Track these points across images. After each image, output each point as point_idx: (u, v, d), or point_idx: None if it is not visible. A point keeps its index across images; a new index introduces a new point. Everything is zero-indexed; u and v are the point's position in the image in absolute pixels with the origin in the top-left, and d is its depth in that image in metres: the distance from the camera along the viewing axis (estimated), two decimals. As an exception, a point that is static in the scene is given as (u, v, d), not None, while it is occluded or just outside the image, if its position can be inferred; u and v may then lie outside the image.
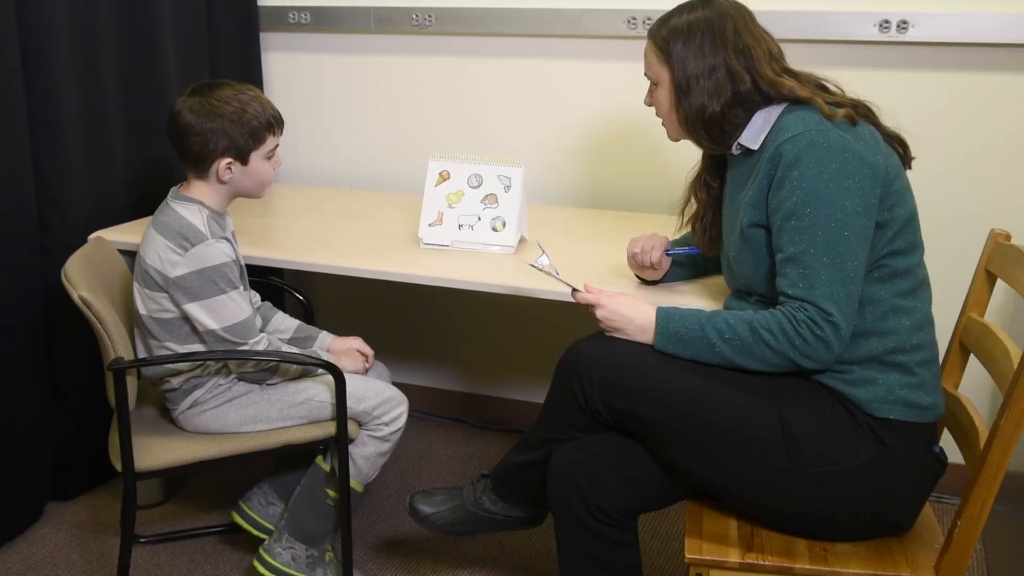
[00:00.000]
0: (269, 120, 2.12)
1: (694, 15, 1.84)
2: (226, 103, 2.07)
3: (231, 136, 2.06)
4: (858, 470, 1.70)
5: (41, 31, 2.42)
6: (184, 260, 2.03)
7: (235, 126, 2.06)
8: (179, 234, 2.04)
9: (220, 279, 2.05)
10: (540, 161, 3.03)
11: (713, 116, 1.82)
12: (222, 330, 2.07)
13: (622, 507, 1.81)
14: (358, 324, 3.38)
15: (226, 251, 2.07)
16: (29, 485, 2.60)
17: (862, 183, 1.68)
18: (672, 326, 1.79)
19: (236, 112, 2.07)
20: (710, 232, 2.03)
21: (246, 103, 2.08)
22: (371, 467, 2.27)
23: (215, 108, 2.06)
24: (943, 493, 2.69)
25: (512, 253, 2.42)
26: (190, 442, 2.14)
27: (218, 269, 2.05)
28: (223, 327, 2.07)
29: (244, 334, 2.10)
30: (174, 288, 2.05)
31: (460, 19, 2.99)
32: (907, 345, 1.73)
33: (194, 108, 2.06)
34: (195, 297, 2.05)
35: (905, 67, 2.62)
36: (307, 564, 2.24)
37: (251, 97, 2.11)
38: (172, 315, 2.09)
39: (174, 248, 2.04)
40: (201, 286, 2.04)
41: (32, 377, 2.55)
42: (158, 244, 2.06)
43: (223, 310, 2.07)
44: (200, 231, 2.05)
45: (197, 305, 2.05)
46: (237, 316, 2.08)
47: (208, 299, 2.05)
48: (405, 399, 2.29)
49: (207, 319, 2.06)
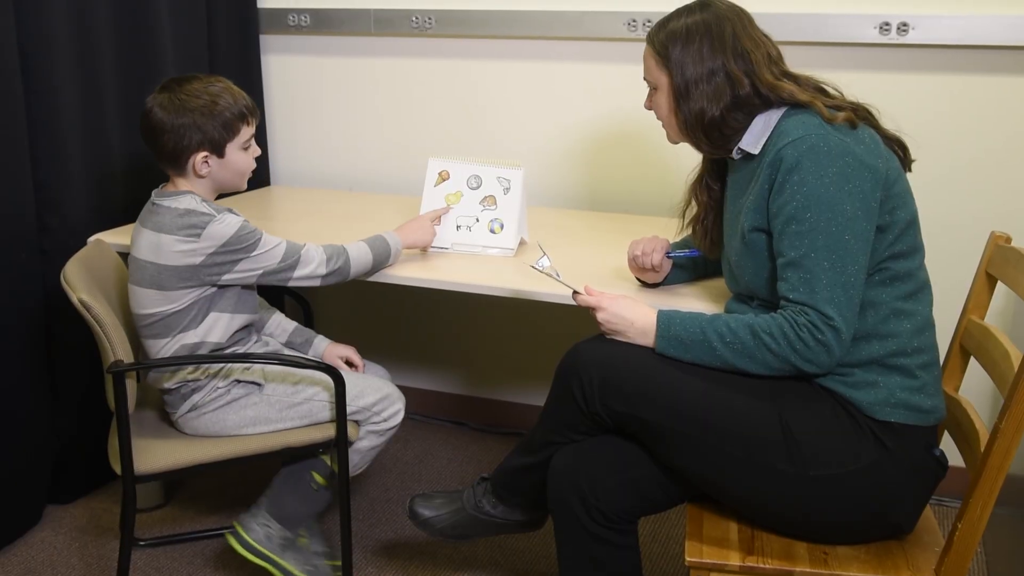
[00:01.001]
0: (241, 110, 2.11)
1: (692, 19, 1.83)
2: (196, 96, 2.06)
3: (204, 130, 2.05)
4: (859, 473, 1.70)
5: (40, 32, 2.42)
6: (201, 244, 2.03)
7: (207, 119, 2.05)
8: (184, 225, 2.03)
9: (246, 240, 2.06)
10: (540, 163, 3.03)
11: (712, 120, 1.82)
12: (277, 267, 2.10)
13: (622, 510, 1.81)
14: (357, 326, 3.39)
15: (235, 218, 2.06)
16: (28, 488, 2.60)
17: (863, 187, 1.68)
18: (673, 329, 1.79)
19: (207, 105, 2.06)
20: (711, 234, 2.03)
21: (216, 95, 2.07)
22: (363, 460, 2.28)
23: (185, 103, 2.05)
24: (944, 496, 2.68)
25: (512, 255, 2.42)
26: (190, 445, 2.14)
27: (238, 236, 2.05)
28: (276, 264, 2.10)
29: (293, 252, 2.12)
30: (206, 273, 2.05)
31: (460, 21, 2.99)
32: (908, 348, 1.73)
33: (164, 104, 2.05)
34: (232, 264, 2.06)
35: (906, 70, 2.62)
36: (280, 545, 2.22)
37: (221, 88, 2.10)
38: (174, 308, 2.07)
39: (185, 239, 2.03)
40: (232, 256, 2.05)
41: (31, 380, 2.54)
42: (169, 243, 2.04)
43: (264, 257, 2.08)
44: (203, 212, 2.04)
45: (234, 274, 2.07)
46: (280, 247, 2.10)
47: (249, 255, 2.06)
48: (402, 396, 2.29)
49: (253, 273, 2.09)
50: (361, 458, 2.27)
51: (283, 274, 2.12)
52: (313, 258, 2.15)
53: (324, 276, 2.16)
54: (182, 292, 2.07)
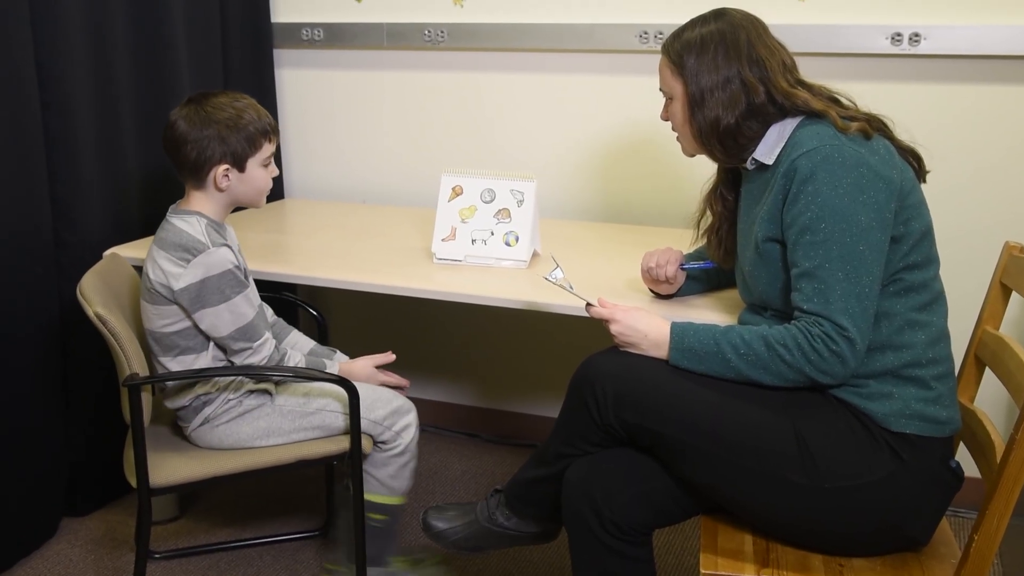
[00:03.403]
0: (265, 127, 2.13)
1: (707, 28, 1.84)
2: (221, 110, 2.08)
3: (227, 142, 2.07)
4: (874, 485, 1.69)
5: (57, 48, 2.44)
6: (187, 271, 2.04)
7: (231, 132, 2.07)
8: (179, 246, 2.05)
9: (225, 285, 2.06)
10: (553, 175, 3.03)
11: (727, 128, 1.82)
12: (228, 336, 2.09)
13: (636, 522, 1.80)
14: (371, 339, 3.39)
15: (228, 257, 2.07)
16: (44, 500, 2.61)
17: (877, 197, 1.67)
18: (687, 341, 1.78)
19: (231, 118, 2.08)
20: (725, 244, 2.02)
21: (241, 110, 2.09)
22: (401, 480, 2.28)
23: (210, 115, 2.07)
24: (959, 507, 2.66)
25: (525, 268, 2.43)
26: (205, 458, 2.14)
27: (223, 276, 2.06)
28: (229, 332, 2.09)
29: (250, 336, 2.11)
30: (181, 298, 2.06)
31: (472, 34, 3.00)
32: (923, 359, 1.73)
33: (189, 117, 2.07)
34: (202, 305, 2.06)
35: (917, 80, 2.62)
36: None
37: (246, 104, 2.12)
38: (183, 326, 2.09)
39: (176, 261, 2.05)
40: (207, 294, 2.05)
41: (47, 393, 2.55)
42: (160, 258, 2.07)
43: (228, 316, 2.08)
44: (200, 241, 2.06)
45: (204, 313, 2.07)
46: (242, 320, 2.09)
47: (214, 306, 2.06)
48: (412, 406, 2.29)
49: (215, 326, 2.08)
50: (400, 480, 2.28)
51: (235, 347, 2.12)
52: (260, 352, 2.14)
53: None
54: (168, 310, 2.08)
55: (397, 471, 2.27)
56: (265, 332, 2.16)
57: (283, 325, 2.44)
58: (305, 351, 2.39)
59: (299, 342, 2.43)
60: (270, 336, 2.17)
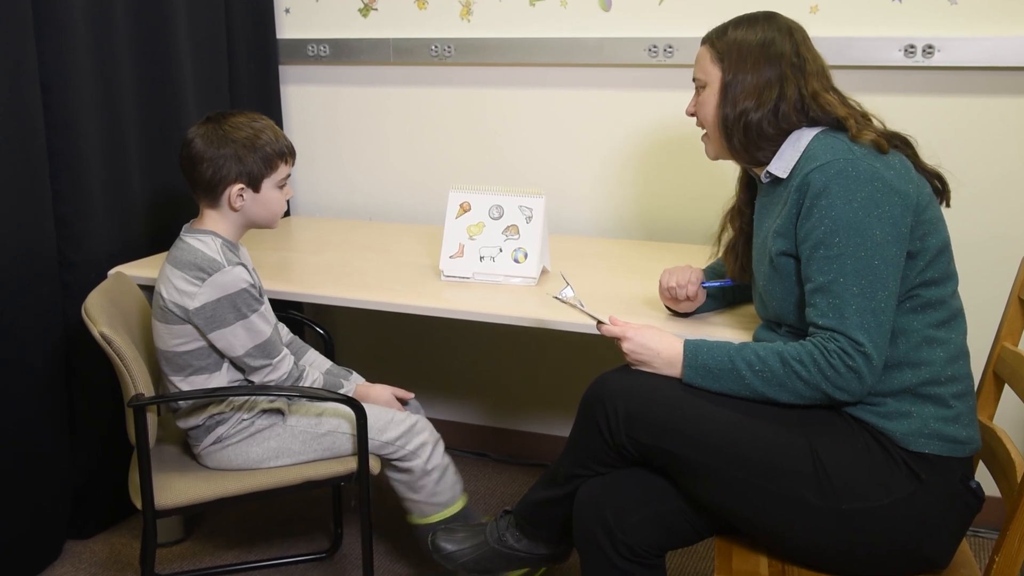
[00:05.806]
0: (282, 149, 2.12)
1: (755, 25, 1.85)
2: (239, 129, 2.07)
3: (244, 162, 2.06)
4: (892, 506, 1.66)
5: (62, 67, 2.43)
6: (202, 290, 2.03)
7: (248, 152, 2.06)
8: (194, 265, 2.04)
9: (241, 304, 2.05)
10: (561, 191, 3.01)
11: (750, 123, 1.81)
12: (245, 354, 2.08)
13: (649, 543, 1.78)
14: (379, 357, 3.37)
15: (243, 276, 2.06)
16: (48, 523, 2.58)
17: (892, 211, 1.65)
18: (700, 359, 1.76)
19: (249, 138, 2.07)
20: (741, 260, 2.01)
21: (259, 130, 2.09)
22: (443, 493, 2.27)
23: (228, 134, 2.06)
24: (980, 528, 2.63)
25: (534, 285, 2.40)
26: (210, 479, 2.12)
27: (239, 295, 2.05)
28: (247, 350, 2.07)
29: (269, 353, 2.10)
30: (196, 318, 2.04)
31: (479, 49, 2.99)
32: (942, 377, 1.70)
33: (206, 135, 2.07)
34: (218, 325, 2.04)
35: (931, 92, 2.59)
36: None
37: (264, 125, 2.11)
38: (197, 345, 2.08)
39: (191, 280, 2.03)
40: (223, 314, 2.04)
41: (52, 414, 2.53)
42: (175, 277, 2.05)
43: (244, 334, 2.06)
44: (215, 260, 2.05)
45: (220, 333, 2.05)
46: (260, 337, 2.08)
47: (230, 325, 2.05)
48: (428, 424, 2.27)
49: (231, 345, 2.06)
50: (445, 491, 2.27)
51: (255, 365, 2.10)
52: (279, 368, 2.13)
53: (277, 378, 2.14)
54: (181, 329, 2.06)
55: (434, 488, 2.25)
56: (283, 349, 2.15)
57: (300, 344, 2.43)
58: (323, 370, 2.36)
59: (316, 361, 2.41)
60: (288, 353, 2.16)
